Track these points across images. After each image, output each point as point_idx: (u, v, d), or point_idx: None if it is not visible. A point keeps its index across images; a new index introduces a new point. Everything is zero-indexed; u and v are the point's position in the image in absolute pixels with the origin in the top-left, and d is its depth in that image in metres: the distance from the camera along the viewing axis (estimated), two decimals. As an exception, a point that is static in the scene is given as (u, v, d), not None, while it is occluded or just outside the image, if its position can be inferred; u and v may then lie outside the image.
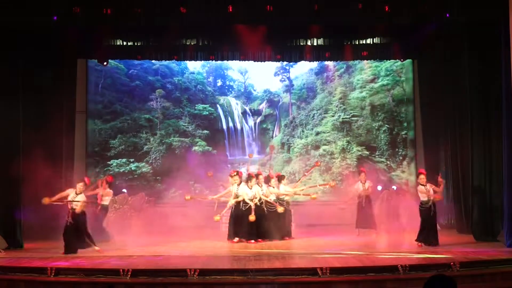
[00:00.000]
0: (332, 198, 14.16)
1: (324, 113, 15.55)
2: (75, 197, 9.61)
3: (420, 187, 9.96)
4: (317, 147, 15.45)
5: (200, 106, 15.53)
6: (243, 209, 10.93)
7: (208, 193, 13.21)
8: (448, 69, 11.95)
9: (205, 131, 15.40)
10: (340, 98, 15.46)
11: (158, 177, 14.85)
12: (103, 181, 11.23)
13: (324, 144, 15.45)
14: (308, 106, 15.62)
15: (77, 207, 9.54)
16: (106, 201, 11.02)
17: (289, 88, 15.69)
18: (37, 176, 10.35)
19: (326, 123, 15.50)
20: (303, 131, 15.62)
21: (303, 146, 15.55)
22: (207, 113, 15.60)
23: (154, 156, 15.26)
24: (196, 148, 15.27)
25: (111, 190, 11.23)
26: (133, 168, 14.92)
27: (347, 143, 15.30)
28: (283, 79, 15.57)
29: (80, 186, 9.72)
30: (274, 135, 15.80)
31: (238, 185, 11.21)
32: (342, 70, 15.38)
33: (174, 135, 15.36)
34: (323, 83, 15.59)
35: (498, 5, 9.64)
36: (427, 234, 9.86)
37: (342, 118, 15.47)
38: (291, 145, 15.58)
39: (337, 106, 15.55)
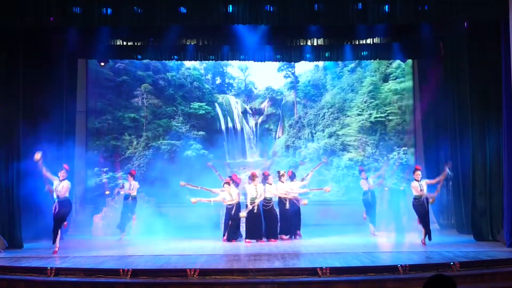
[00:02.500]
0: (333, 198, 14.15)
1: (338, 112, 14.33)
2: (60, 184, 9.70)
3: (414, 183, 10.15)
4: (333, 152, 14.08)
5: (195, 105, 14.46)
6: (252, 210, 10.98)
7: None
8: (448, 69, 11.95)
9: (201, 132, 14.36)
10: (370, 92, 13.95)
11: (139, 188, 12.80)
12: (128, 175, 11.96)
13: (348, 150, 13.97)
14: (315, 104, 14.53)
15: (61, 192, 9.69)
16: (134, 192, 11.74)
17: (294, 85, 14.68)
18: (36, 176, 10.36)
19: (350, 123, 14.10)
20: (312, 133, 14.46)
21: (314, 150, 14.28)
22: (204, 112, 14.48)
23: (138, 162, 13.89)
24: (189, 152, 14.11)
25: (136, 182, 11.94)
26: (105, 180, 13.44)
27: (404, 154, 13.53)
28: (287, 75, 14.87)
29: (62, 173, 9.83)
30: (277, 137, 14.82)
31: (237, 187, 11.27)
32: (354, 64, 14.47)
33: (164, 137, 14.16)
34: (333, 78, 14.54)
35: (498, 5, 9.64)
36: (427, 230, 9.98)
37: (375, 118, 13.92)
38: (298, 148, 14.50)
39: (365, 102, 14.01)
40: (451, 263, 7.73)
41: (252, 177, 11.32)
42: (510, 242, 9.39)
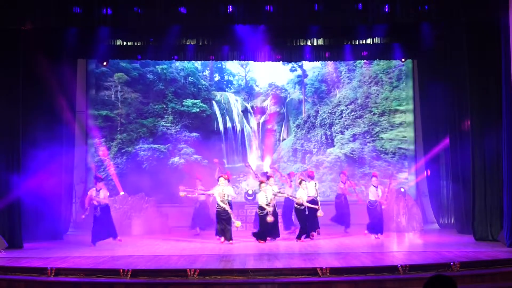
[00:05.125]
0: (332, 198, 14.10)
1: (360, 109, 12.94)
2: (98, 193, 10.39)
3: (372, 188, 11.03)
4: (361, 161, 12.42)
5: (188, 102, 13.08)
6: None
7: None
8: (448, 69, 11.95)
9: (194, 134, 13.03)
10: None
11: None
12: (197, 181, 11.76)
13: (401, 166, 12.05)
14: (329, 101, 13.23)
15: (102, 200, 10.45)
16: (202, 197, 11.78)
17: (301, 80, 13.45)
18: (37, 177, 10.37)
19: (400, 122, 12.46)
20: (326, 135, 12.95)
21: (334, 158, 12.64)
22: (198, 110, 13.11)
23: (105, 174, 12.23)
24: (175, 159, 12.67)
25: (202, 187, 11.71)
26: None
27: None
28: (293, 68, 13.92)
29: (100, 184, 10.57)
30: (281, 138, 13.58)
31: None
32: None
33: (145, 140, 12.67)
34: (350, 69, 13.37)
35: (498, 5, 9.64)
36: (376, 226, 10.99)
37: None
38: (308, 152, 13.27)
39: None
40: (451, 263, 7.73)
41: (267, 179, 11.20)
42: (510, 242, 9.39)
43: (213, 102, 14.00)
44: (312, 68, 14.19)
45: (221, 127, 14.00)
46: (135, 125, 13.18)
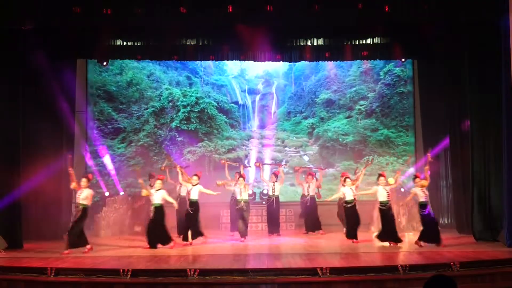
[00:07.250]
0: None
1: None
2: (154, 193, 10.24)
3: (381, 188, 10.23)
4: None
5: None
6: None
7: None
8: (448, 69, 11.95)
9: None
10: None
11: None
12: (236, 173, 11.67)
13: None
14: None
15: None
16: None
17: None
18: (37, 179, 10.37)
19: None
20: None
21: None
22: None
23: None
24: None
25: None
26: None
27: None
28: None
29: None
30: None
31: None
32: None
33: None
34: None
35: (498, 5, 9.65)
36: (391, 233, 10.12)
37: None
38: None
39: None
40: (451, 263, 7.73)
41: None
42: (510, 242, 9.39)
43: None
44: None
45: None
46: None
